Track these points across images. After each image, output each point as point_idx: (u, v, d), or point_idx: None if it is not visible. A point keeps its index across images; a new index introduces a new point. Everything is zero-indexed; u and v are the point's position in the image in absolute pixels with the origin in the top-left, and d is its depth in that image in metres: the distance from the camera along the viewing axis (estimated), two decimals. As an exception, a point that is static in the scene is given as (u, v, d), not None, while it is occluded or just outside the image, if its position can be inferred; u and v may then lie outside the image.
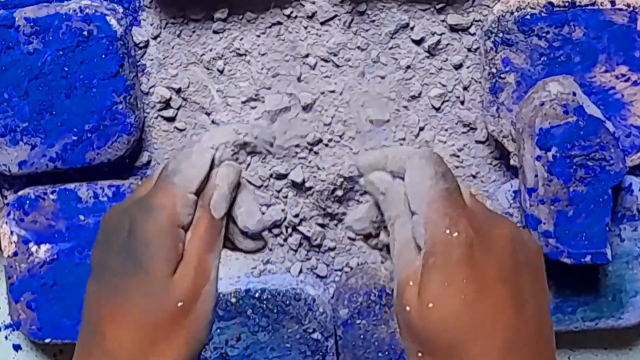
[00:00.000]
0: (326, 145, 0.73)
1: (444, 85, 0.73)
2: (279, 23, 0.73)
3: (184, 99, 0.74)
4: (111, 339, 0.49)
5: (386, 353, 0.72)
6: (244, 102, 0.74)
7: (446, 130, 0.74)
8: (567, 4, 0.68)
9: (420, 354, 0.48)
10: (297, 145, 0.73)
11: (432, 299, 0.47)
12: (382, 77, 0.73)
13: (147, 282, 0.49)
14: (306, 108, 0.72)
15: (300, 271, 0.77)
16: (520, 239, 0.50)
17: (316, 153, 0.73)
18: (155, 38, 0.74)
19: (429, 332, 0.47)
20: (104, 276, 0.51)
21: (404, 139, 0.73)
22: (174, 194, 0.51)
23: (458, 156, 0.74)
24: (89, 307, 0.52)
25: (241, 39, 0.73)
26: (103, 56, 0.71)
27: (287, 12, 0.72)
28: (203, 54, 0.74)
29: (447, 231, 0.47)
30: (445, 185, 0.49)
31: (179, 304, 0.49)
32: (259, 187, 0.74)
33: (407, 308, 0.47)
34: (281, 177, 0.74)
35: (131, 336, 0.49)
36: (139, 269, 0.49)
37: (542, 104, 0.66)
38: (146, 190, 0.52)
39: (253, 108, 0.74)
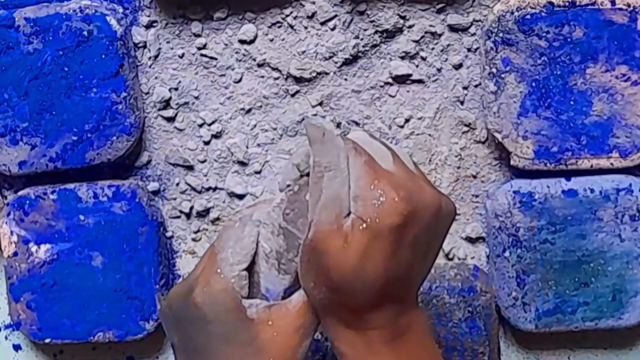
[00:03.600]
0: None
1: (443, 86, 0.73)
2: (279, 23, 0.73)
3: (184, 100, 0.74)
4: None
5: (386, 353, 0.72)
6: (244, 105, 0.74)
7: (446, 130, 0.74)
8: (567, 4, 0.68)
9: (314, 284, 0.54)
10: None
11: (355, 253, 0.52)
12: (387, 83, 0.73)
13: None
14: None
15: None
16: (440, 209, 0.54)
17: None
18: (155, 38, 0.74)
19: (341, 274, 0.52)
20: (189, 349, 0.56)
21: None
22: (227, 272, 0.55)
23: (458, 156, 0.74)
24: None
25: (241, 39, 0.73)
26: (103, 56, 0.71)
27: (287, 12, 0.72)
28: (203, 54, 0.73)
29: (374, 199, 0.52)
30: (363, 158, 0.53)
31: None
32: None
33: (327, 251, 0.52)
34: None
35: None
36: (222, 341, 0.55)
37: None
38: (200, 269, 0.56)
39: (250, 111, 0.74)
